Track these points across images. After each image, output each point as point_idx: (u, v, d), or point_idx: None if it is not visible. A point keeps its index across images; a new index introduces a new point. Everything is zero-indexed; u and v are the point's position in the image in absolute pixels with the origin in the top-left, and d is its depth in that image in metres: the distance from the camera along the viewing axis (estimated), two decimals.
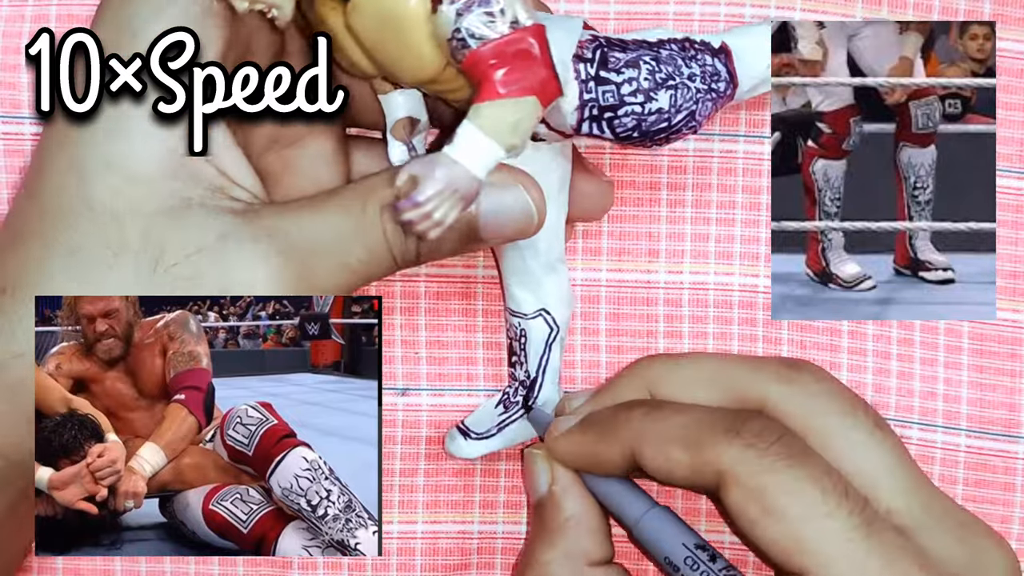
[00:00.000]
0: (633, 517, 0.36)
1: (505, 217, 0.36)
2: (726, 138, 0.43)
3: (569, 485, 0.37)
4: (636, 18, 0.43)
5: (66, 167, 0.35)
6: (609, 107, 0.36)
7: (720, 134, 0.43)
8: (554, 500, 0.37)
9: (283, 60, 0.39)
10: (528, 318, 0.41)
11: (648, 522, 0.36)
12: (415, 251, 0.36)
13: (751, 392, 0.36)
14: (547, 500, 0.37)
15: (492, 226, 0.36)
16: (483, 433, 0.42)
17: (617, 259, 0.43)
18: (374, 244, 0.35)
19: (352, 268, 0.35)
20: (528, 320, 0.41)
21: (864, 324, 0.46)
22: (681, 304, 0.43)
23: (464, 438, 0.42)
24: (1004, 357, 0.45)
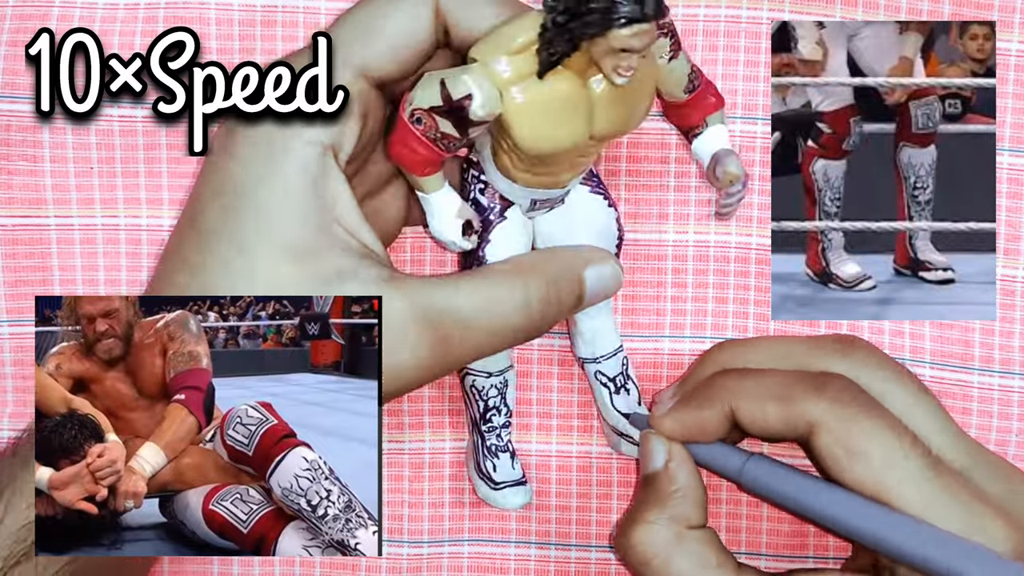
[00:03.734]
0: (736, 467, 0.41)
1: (606, 285, 0.42)
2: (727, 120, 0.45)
3: (683, 460, 0.42)
4: None
5: (232, 246, 0.37)
6: None
7: None
8: (669, 473, 0.42)
9: None
10: (508, 370, 0.45)
11: (751, 466, 0.41)
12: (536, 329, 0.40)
13: (815, 366, 0.41)
14: (662, 474, 0.42)
15: (595, 295, 0.41)
16: (521, 479, 0.45)
17: (632, 222, 0.46)
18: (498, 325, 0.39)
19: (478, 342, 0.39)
20: (508, 372, 0.45)
21: (863, 324, 0.46)
22: (686, 259, 0.46)
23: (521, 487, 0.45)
24: None
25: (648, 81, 0.39)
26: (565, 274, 0.41)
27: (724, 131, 0.42)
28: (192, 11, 0.45)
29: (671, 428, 0.42)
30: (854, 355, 0.41)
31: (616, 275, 0.42)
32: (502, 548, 0.47)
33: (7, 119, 0.45)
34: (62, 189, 0.45)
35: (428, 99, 0.37)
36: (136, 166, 0.45)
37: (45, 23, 0.45)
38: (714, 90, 0.42)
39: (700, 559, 0.40)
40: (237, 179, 0.38)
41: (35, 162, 0.45)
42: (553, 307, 0.40)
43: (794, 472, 0.40)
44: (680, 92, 0.41)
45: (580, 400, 0.47)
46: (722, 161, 0.41)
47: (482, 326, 0.39)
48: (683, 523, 0.41)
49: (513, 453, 0.45)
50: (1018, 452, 0.46)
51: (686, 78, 0.41)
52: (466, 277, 0.40)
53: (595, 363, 0.44)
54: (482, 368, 0.44)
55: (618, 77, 0.36)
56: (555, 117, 0.37)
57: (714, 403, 0.41)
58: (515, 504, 0.45)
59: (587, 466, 0.47)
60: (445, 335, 0.38)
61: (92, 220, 0.46)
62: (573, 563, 0.47)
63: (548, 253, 0.42)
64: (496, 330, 0.39)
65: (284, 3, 0.45)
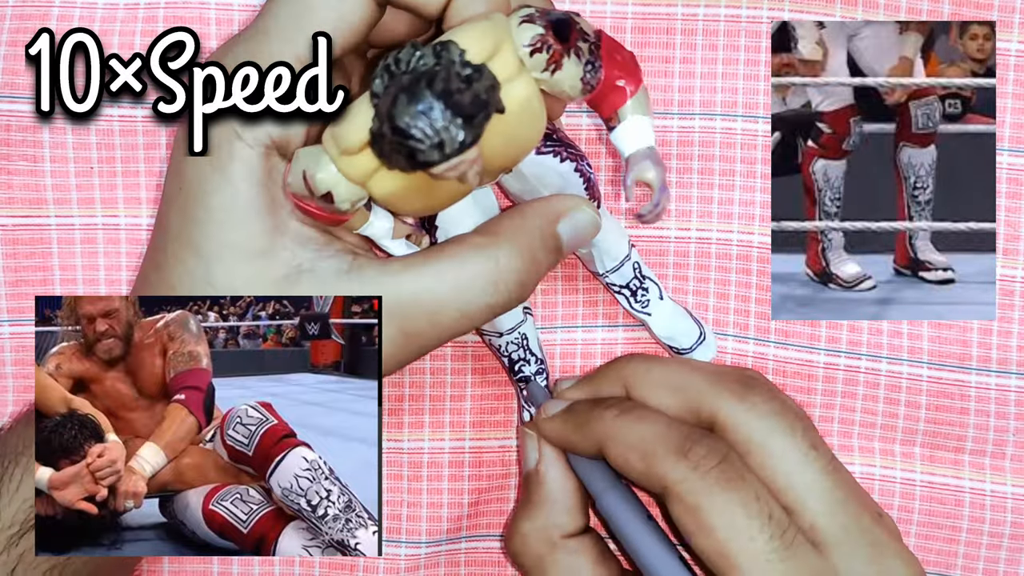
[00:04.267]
0: (596, 491, 0.41)
1: (583, 233, 0.41)
2: (726, 117, 0.46)
3: (552, 463, 0.42)
4: (650, 19, 0.46)
5: (188, 248, 0.38)
6: None
7: (721, 114, 0.46)
8: (539, 476, 0.42)
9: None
10: (522, 324, 0.44)
11: (608, 497, 0.40)
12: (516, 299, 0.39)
13: (706, 405, 0.40)
14: (533, 475, 0.42)
15: (574, 245, 0.41)
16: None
17: (634, 218, 0.46)
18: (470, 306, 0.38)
19: (446, 327, 0.38)
20: (524, 326, 0.44)
21: (862, 323, 0.46)
22: (688, 255, 0.46)
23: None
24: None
25: (529, 101, 0.36)
26: (537, 236, 0.39)
27: (642, 123, 0.38)
28: (192, 11, 0.45)
29: (548, 433, 0.42)
30: (750, 399, 0.39)
31: (592, 220, 0.40)
32: (500, 543, 0.47)
33: (7, 119, 0.45)
34: (62, 189, 0.45)
35: (297, 188, 0.37)
36: (136, 166, 0.45)
37: (45, 23, 0.45)
38: (624, 74, 0.37)
39: (573, 570, 0.40)
40: (189, 182, 0.38)
41: (35, 162, 0.45)
42: (532, 273, 0.39)
43: (640, 520, 0.40)
44: (577, 94, 0.37)
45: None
46: (634, 167, 0.38)
47: (452, 311, 0.38)
48: (556, 532, 0.41)
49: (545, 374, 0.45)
50: (1015, 452, 0.46)
51: (579, 82, 0.37)
52: (436, 258, 0.38)
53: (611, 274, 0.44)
54: (492, 329, 0.44)
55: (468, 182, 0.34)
56: (428, 191, 0.36)
57: (588, 434, 0.40)
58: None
59: None
60: (409, 325, 0.37)
61: (92, 220, 0.46)
62: None
63: (518, 216, 0.40)
64: (469, 312, 0.38)
65: None
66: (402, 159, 0.32)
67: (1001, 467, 0.46)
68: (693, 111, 0.46)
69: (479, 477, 0.47)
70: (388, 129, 0.32)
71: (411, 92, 0.32)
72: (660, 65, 0.46)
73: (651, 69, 0.46)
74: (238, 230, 0.37)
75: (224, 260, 0.37)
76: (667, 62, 0.46)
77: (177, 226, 0.38)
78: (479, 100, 0.32)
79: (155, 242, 0.40)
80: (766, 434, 0.39)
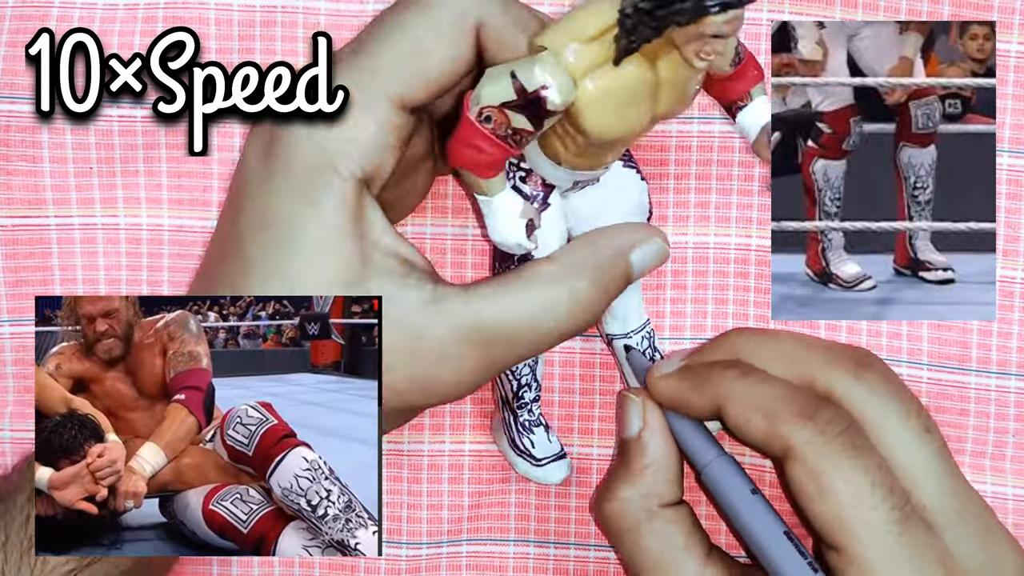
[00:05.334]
0: (703, 462, 0.41)
1: (653, 264, 0.41)
2: (725, 121, 0.46)
3: (656, 431, 0.41)
4: None
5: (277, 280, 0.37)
6: None
7: (720, 118, 0.46)
8: (640, 444, 0.41)
9: None
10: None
11: (715, 466, 0.40)
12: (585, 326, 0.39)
13: (821, 379, 0.40)
14: (634, 443, 0.41)
15: (643, 271, 0.40)
16: (561, 450, 0.46)
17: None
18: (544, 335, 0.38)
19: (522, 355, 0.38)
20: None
21: (860, 324, 0.46)
22: (686, 261, 0.46)
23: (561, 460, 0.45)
24: None
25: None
26: (611, 267, 0.40)
27: (768, 103, 0.41)
28: (192, 11, 0.45)
29: (660, 391, 0.41)
30: (865, 377, 0.40)
31: (662, 251, 0.41)
32: (500, 547, 0.47)
33: (7, 119, 0.45)
34: (62, 189, 0.45)
35: (498, 95, 0.36)
36: (136, 166, 0.45)
37: (45, 23, 0.45)
38: (755, 62, 0.41)
39: (668, 539, 0.40)
40: (279, 214, 0.37)
41: (35, 162, 0.45)
42: (602, 303, 0.39)
43: (747, 490, 0.40)
44: (727, 67, 0.39)
45: (581, 401, 0.47)
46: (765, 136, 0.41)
47: (527, 339, 0.38)
48: (654, 501, 0.41)
49: (547, 426, 0.45)
50: (1016, 454, 0.46)
51: (733, 52, 0.39)
52: (512, 286, 0.38)
53: (625, 338, 0.44)
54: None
55: (700, 61, 0.35)
56: (625, 103, 0.36)
57: (706, 391, 0.40)
58: (558, 479, 0.45)
59: (587, 467, 0.47)
60: (489, 352, 0.38)
61: (92, 220, 0.46)
62: (572, 561, 0.47)
63: (592, 245, 0.40)
64: (542, 339, 0.38)
65: (283, 3, 0.45)
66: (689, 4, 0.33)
67: (1002, 468, 0.46)
68: (692, 115, 0.46)
69: (479, 480, 0.47)
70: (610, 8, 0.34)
71: None
72: None
73: None
74: (330, 261, 0.37)
75: (316, 291, 0.37)
76: None
77: (262, 258, 0.38)
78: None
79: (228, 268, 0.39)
80: (881, 413, 0.39)
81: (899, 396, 0.40)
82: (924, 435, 0.39)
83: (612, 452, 0.46)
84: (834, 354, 0.41)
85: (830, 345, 0.41)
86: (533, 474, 0.45)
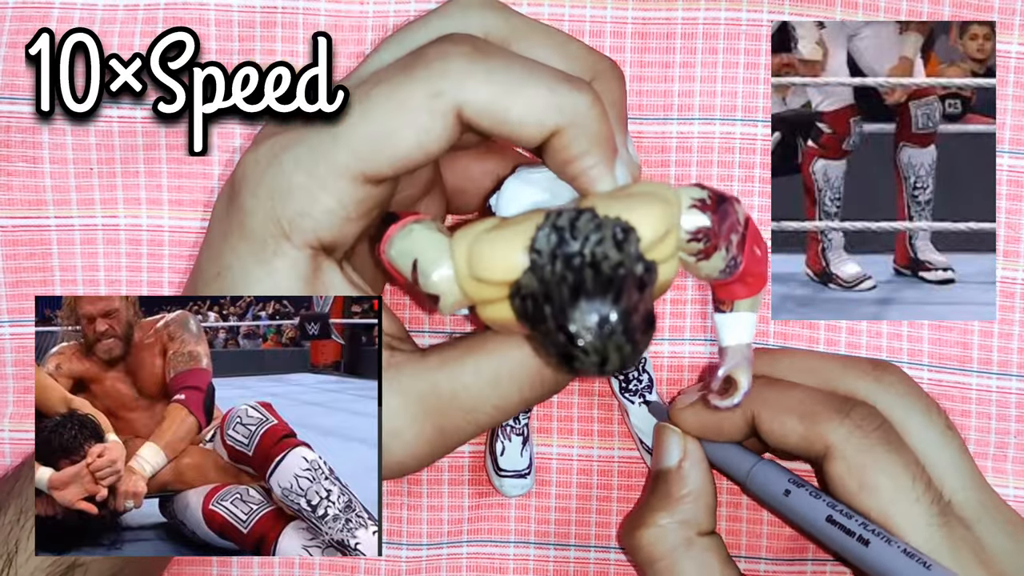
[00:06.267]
0: (744, 470, 0.42)
1: None
2: (725, 122, 0.46)
3: (697, 462, 0.42)
4: (651, 23, 0.46)
5: None
6: None
7: (720, 118, 0.46)
8: (681, 473, 0.42)
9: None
10: None
11: (758, 470, 0.41)
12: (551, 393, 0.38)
13: (842, 385, 0.41)
14: (674, 472, 0.42)
15: None
16: (526, 469, 0.45)
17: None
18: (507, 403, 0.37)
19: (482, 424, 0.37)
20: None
21: (860, 325, 0.46)
22: None
23: (522, 478, 0.45)
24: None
25: (666, 283, 0.34)
26: None
27: (750, 320, 0.38)
28: (192, 11, 0.45)
29: (690, 422, 0.42)
30: (885, 380, 0.41)
31: None
32: (501, 548, 0.47)
33: (7, 119, 0.45)
34: (62, 190, 0.45)
35: (401, 266, 0.35)
36: (136, 166, 0.45)
37: (45, 23, 0.45)
38: (754, 273, 0.37)
39: (706, 566, 0.41)
40: (230, 268, 0.37)
41: (35, 163, 0.45)
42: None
43: (796, 483, 0.41)
44: (708, 279, 0.37)
45: (580, 403, 0.47)
46: (730, 361, 0.38)
47: (488, 408, 0.36)
48: (693, 528, 0.41)
49: (527, 439, 0.45)
50: (1017, 455, 0.46)
51: (716, 273, 0.36)
52: (472, 354, 0.36)
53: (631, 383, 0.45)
54: None
55: None
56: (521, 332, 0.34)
57: (736, 407, 0.40)
58: (512, 495, 0.45)
59: (588, 468, 0.47)
60: (447, 423, 0.36)
61: (92, 220, 0.46)
62: (572, 563, 0.47)
63: None
64: (504, 407, 0.36)
65: (283, 4, 0.45)
66: (554, 352, 0.31)
67: (1003, 470, 0.46)
68: (692, 116, 0.46)
69: (479, 482, 0.47)
70: (555, 325, 0.30)
71: (590, 295, 0.30)
72: (660, 70, 0.46)
73: (651, 74, 0.46)
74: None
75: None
76: (667, 67, 0.46)
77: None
78: (650, 317, 0.31)
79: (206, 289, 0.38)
80: (904, 413, 0.40)
81: (919, 396, 0.41)
82: (947, 432, 0.40)
83: (611, 454, 0.46)
84: (851, 361, 0.42)
85: (842, 356, 0.43)
86: (493, 479, 0.45)
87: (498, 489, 0.45)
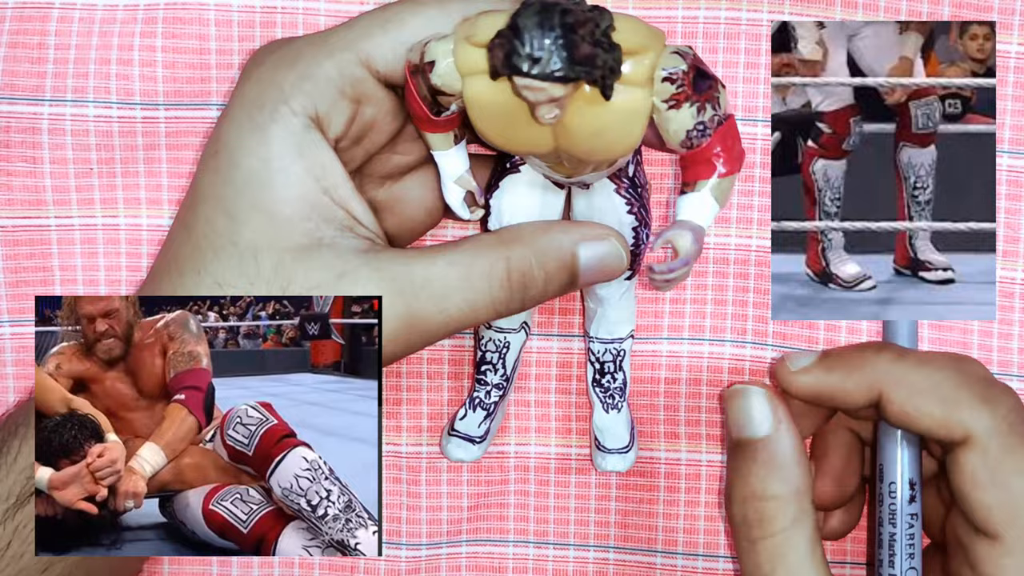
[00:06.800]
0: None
1: (604, 264, 0.40)
2: None
3: (790, 427, 0.40)
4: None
5: (217, 208, 0.38)
6: None
7: None
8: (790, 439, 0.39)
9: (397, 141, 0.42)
10: (514, 332, 0.44)
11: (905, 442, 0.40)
12: (519, 303, 0.39)
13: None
14: (770, 439, 0.39)
15: (590, 273, 0.39)
16: (479, 437, 0.45)
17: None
18: (477, 297, 0.38)
19: (452, 315, 0.38)
20: (513, 335, 0.44)
21: (860, 325, 0.46)
22: None
23: (471, 444, 0.45)
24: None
25: (635, 113, 0.35)
26: (554, 249, 0.39)
27: (710, 204, 0.38)
28: (192, 11, 0.45)
29: (801, 386, 0.40)
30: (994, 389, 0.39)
31: (616, 254, 0.40)
32: (500, 548, 0.47)
33: (7, 120, 0.45)
34: (62, 190, 0.45)
35: (412, 54, 0.37)
36: (136, 166, 0.45)
37: (45, 23, 0.45)
38: (725, 156, 0.37)
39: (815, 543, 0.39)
40: (226, 141, 0.38)
41: (35, 163, 0.45)
42: (539, 283, 0.39)
43: None
44: (676, 145, 0.37)
45: (579, 402, 0.47)
46: (676, 229, 0.38)
47: (459, 301, 0.38)
48: (806, 498, 0.39)
49: (491, 415, 0.45)
50: None
51: (684, 133, 0.36)
52: (447, 250, 0.38)
53: (611, 343, 0.44)
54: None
55: (537, 117, 0.34)
56: (511, 119, 0.36)
57: (862, 377, 0.39)
58: (452, 456, 0.45)
59: (586, 468, 0.47)
60: (417, 309, 0.37)
61: (92, 220, 0.46)
62: (571, 563, 0.47)
63: (541, 225, 0.40)
64: (475, 305, 0.38)
65: (283, 4, 0.45)
66: (500, 54, 0.33)
67: None
68: None
69: (478, 482, 0.47)
70: (505, 23, 0.33)
71: (545, 8, 0.32)
72: None
73: None
74: (269, 193, 0.37)
75: (251, 223, 0.37)
76: None
77: (209, 186, 0.38)
78: (592, 57, 0.33)
79: (186, 202, 0.40)
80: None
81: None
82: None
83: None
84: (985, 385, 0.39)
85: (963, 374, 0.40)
86: (443, 440, 0.45)
87: (443, 450, 0.45)
